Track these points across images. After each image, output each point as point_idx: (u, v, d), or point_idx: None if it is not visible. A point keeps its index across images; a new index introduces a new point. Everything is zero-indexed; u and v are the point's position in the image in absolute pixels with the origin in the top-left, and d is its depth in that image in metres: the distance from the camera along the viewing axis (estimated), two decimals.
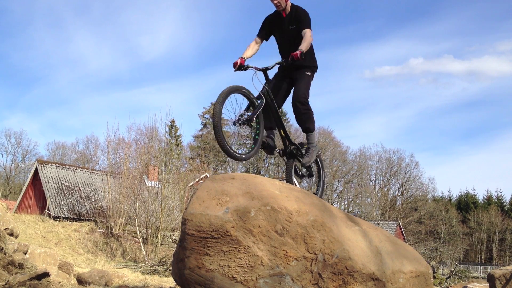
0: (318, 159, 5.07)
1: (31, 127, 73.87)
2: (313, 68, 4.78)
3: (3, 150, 49.12)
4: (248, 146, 4.98)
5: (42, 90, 78.15)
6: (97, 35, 78.48)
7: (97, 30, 78.33)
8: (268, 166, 50.06)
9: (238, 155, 4.16)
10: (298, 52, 4.28)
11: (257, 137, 4.36)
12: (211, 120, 5.50)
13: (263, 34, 4.77)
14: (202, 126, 55.17)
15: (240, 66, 4.40)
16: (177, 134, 46.69)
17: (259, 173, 47.31)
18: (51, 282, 5.39)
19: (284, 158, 4.81)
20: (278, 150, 4.73)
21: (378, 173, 52.35)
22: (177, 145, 41.13)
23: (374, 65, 79.93)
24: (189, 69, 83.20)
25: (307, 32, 4.48)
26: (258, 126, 4.35)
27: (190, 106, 77.90)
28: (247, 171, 48.75)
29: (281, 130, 4.65)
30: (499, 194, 60.87)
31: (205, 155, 49.16)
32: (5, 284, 4.69)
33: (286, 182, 4.51)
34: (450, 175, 79.32)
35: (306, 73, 4.68)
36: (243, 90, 4.21)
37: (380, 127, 77.44)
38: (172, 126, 44.38)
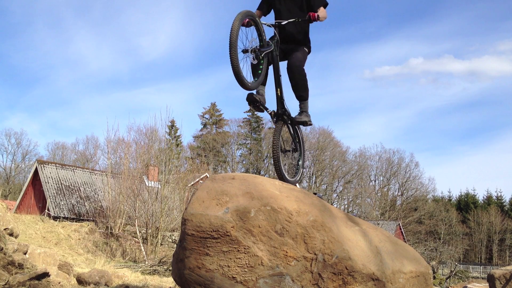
0: (300, 134, 4.94)
1: (31, 127, 73.97)
2: (309, 47, 4.76)
3: (3, 150, 49.21)
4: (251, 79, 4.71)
5: (42, 91, 78.27)
6: (98, 36, 78.56)
7: (98, 31, 78.41)
8: (268, 166, 50.07)
9: (246, 82, 3.99)
10: (316, 14, 4.34)
11: (259, 72, 4.27)
12: (228, 37, 3.66)
13: (265, 7, 4.71)
14: (202, 126, 55.23)
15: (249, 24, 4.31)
16: (177, 134, 46.73)
17: (259, 173, 47.34)
18: (51, 282, 5.39)
19: (274, 119, 4.67)
20: (270, 111, 4.60)
21: (378, 173, 52.40)
22: (177, 145, 41.20)
23: (374, 65, 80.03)
24: (189, 69, 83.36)
25: (322, 8, 4.55)
26: (262, 61, 4.28)
27: (190, 107, 78.06)
28: (247, 171, 48.78)
29: (278, 89, 4.56)
30: (499, 194, 60.90)
31: (205, 155, 49.19)
32: (5, 284, 4.69)
33: (273, 144, 4.43)
34: (450, 175, 79.42)
35: (304, 47, 4.68)
36: (257, 18, 4.15)
37: (380, 127, 77.55)
38: (172, 126, 44.38)
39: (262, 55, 4.20)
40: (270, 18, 4.77)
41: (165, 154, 23.14)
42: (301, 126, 4.92)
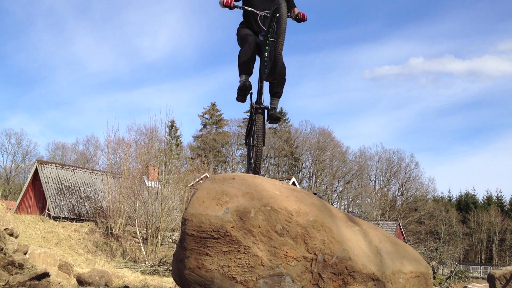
0: None
1: (32, 127, 74.07)
2: None
3: (3, 151, 49.12)
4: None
5: (42, 91, 78.38)
6: (98, 36, 78.66)
7: (98, 31, 78.50)
8: (268, 166, 50.07)
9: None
10: (305, 14, 4.41)
11: (265, 60, 4.29)
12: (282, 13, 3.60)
13: None
14: (202, 127, 55.23)
15: (231, 7, 4.41)
16: (177, 134, 46.71)
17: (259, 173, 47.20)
18: (51, 282, 5.39)
19: (253, 111, 4.67)
20: (253, 103, 4.60)
21: (378, 173, 52.43)
22: (177, 145, 41.15)
23: (374, 65, 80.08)
24: (189, 70, 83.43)
25: (296, 9, 4.61)
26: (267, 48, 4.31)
27: (190, 107, 78.15)
28: (247, 171, 48.71)
29: (261, 83, 4.56)
30: (499, 194, 60.87)
31: (205, 155, 49.18)
32: (5, 284, 4.69)
33: (261, 137, 4.42)
34: (450, 175, 79.44)
35: None
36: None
37: (380, 127, 77.60)
38: (172, 126, 44.38)
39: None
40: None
41: (165, 154, 23.14)
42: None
